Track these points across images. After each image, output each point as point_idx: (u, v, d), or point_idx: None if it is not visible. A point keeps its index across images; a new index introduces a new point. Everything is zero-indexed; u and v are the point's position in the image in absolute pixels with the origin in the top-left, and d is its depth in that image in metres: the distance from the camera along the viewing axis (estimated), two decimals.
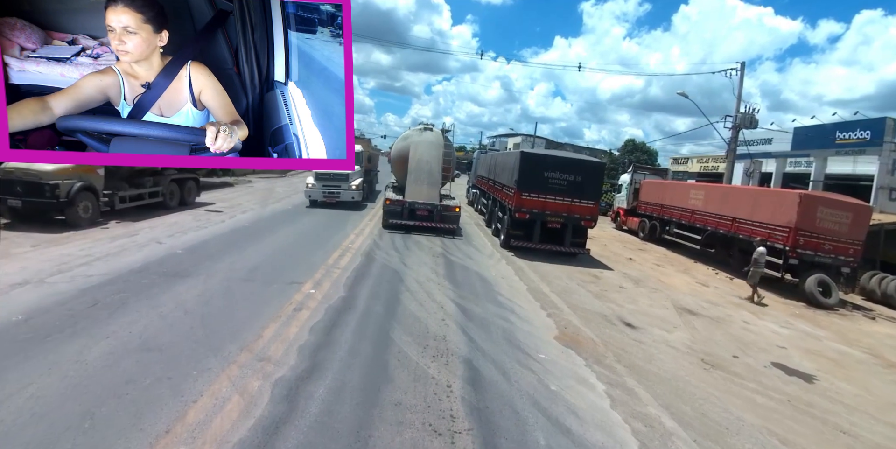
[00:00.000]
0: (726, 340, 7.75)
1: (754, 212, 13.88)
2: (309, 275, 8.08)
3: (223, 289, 7.04)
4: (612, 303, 8.81)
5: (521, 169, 11.74)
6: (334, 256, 9.70)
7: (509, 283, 9.15)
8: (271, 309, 6.32)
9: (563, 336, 6.61)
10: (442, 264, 10.03)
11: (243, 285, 7.28)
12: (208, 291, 6.88)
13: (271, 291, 7.10)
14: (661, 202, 19.49)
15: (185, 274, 7.67)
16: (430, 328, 6.18)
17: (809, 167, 27.21)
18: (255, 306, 6.39)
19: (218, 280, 7.45)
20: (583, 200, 11.83)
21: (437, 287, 8.16)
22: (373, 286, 7.81)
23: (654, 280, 11.57)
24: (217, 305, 6.39)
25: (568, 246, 12.10)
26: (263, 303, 6.55)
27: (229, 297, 6.72)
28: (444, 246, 12.21)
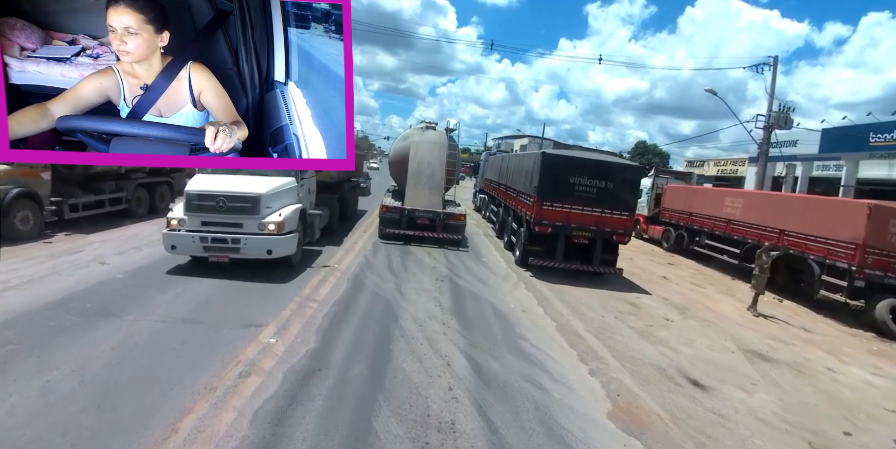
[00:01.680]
0: (823, 403, 5.85)
1: (807, 224, 11.95)
2: (274, 312, 6.20)
3: (152, 337, 5.18)
4: (665, 346, 6.90)
5: (542, 173, 9.80)
6: (314, 281, 7.81)
7: (533, 318, 7.24)
8: (206, 374, 4.45)
9: (617, 411, 4.71)
10: (447, 291, 8.13)
11: (181, 330, 5.42)
12: (129, 341, 5.02)
13: (216, 340, 5.22)
14: (689, 210, 17.54)
15: (112, 312, 5.82)
16: (432, 406, 4.29)
17: (839, 171, 25.28)
18: (185, 369, 4.52)
19: (150, 321, 5.59)
20: (615, 211, 9.88)
21: (441, 329, 6.26)
22: (356, 330, 5.92)
23: (700, 307, 9.66)
24: (132, 366, 4.52)
25: (597, 265, 10.16)
26: (199, 362, 4.68)
27: (154, 351, 4.85)
28: (449, 265, 10.31)
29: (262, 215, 7.72)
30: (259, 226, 7.68)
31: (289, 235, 8.01)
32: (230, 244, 7.52)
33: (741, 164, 32.78)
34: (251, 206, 7.66)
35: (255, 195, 7.66)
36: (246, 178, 8.21)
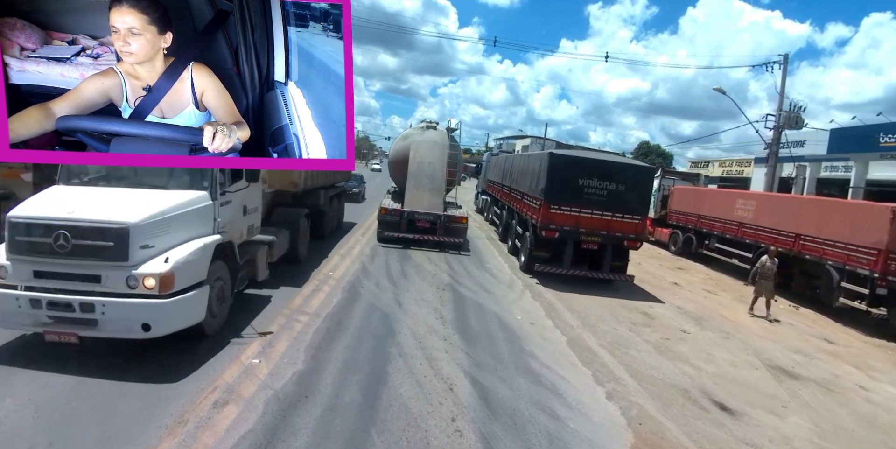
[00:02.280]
0: (860, 428, 5.32)
1: (824, 228, 11.40)
2: (262, 326, 5.69)
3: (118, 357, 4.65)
4: (685, 363, 6.38)
5: (549, 175, 9.26)
6: (306, 291, 7.29)
7: (541, 332, 6.71)
8: (177, 404, 3.93)
9: (641, 444, 4.18)
10: (449, 302, 7.60)
11: (155, 341, 4.89)
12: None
13: (194, 359, 4.70)
14: (698, 212, 17.02)
15: None
16: (433, 442, 3.76)
17: (848, 172, 24.68)
18: (154, 398, 3.99)
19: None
20: (626, 215, 9.33)
21: (442, 345, 5.73)
22: (350, 347, 5.39)
23: (716, 316, 9.13)
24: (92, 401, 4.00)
25: (607, 272, 9.62)
26: (174, 387, 4.16)
27: (126, 372, 4.33)
28: (450, 271, 9.78)
29: (135, 261, 4.30)
30: (129, 280, 4.29)
31: (183, 297, 4.49)
32: (78, 313, 4.23)
33: (747, 165, 32.20)
34: (113, 245, 4.21)
35: (119, 226, 4.21)
36: (116, 196, 4.75)
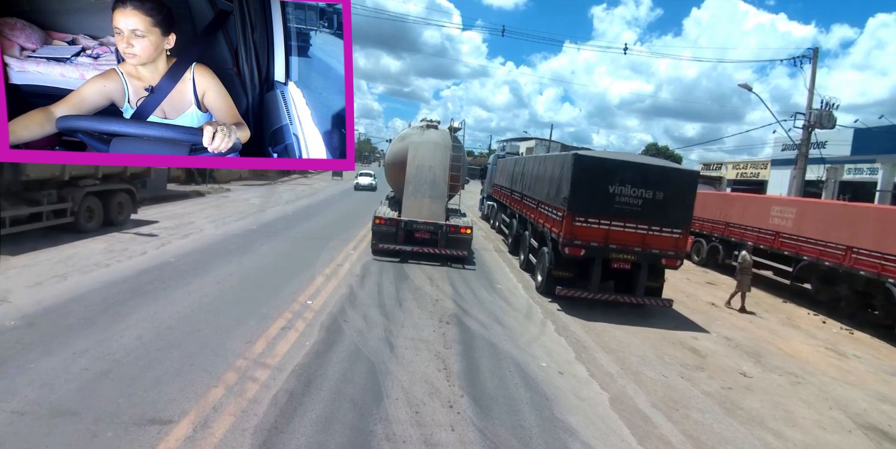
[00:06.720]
0: None
1: (884, 240, 9.89)
2: (203, 391, 4.19)
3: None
4: (762, 427, 4.87)
5: (574, 181, 7.74)
6: (273, 329, 5.78)
7: (575, 387, 5.18)
8: None
9: None
10: (454, 342, 6.07)
11: (49, 427, 3.43)
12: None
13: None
14: (725, 219, 15.55)
15: None
16: None
17: (874, 175, 23.20)
18: None
19: (4, 415, 3.61)
20: (665, 228, 7.83)
21: (447, 417, 4.22)
22: (319, 427, 3.87)
23: (773, 349, 7.61)
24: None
25: (641, 295, 8.11)
26: None
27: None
28: (455, 295, 8.27)
29: None
30: None
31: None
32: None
33: (763, 168, 30.76)
34: None
35: None
36: None
